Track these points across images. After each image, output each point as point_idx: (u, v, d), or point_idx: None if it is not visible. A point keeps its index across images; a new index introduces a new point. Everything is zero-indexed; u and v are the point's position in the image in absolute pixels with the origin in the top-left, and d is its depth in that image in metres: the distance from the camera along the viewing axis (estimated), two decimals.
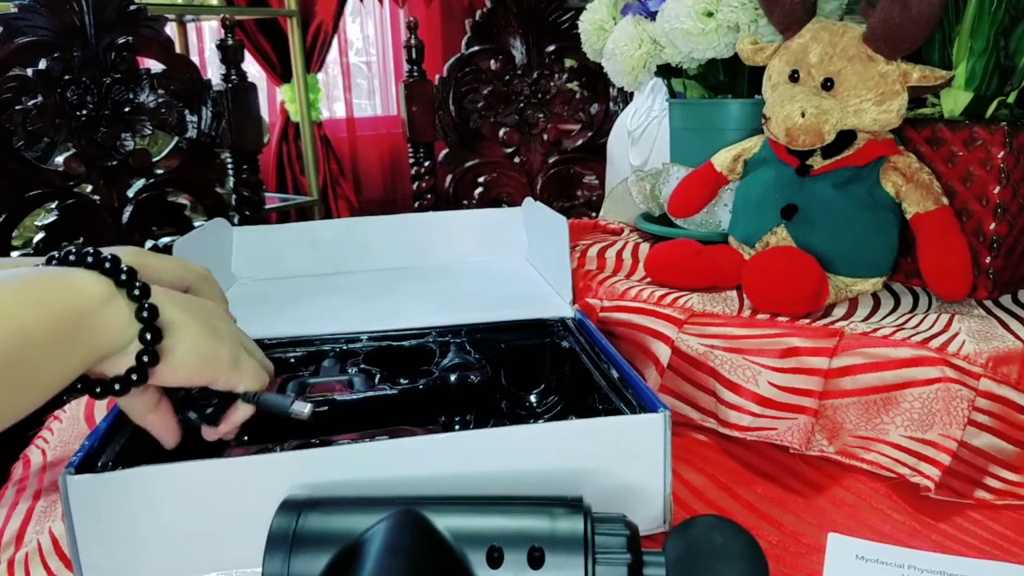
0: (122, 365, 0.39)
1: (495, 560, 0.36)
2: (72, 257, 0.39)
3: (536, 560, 0.36)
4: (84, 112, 1.07)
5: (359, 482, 0.44)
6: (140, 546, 0.43)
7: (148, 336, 0.39)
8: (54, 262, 0.40)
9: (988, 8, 0.67)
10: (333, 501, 0.39)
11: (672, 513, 0.48)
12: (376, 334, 0.66)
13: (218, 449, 0.55)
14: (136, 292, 0.39)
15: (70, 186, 1.09)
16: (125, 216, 1.14)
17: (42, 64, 1.03)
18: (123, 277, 0.39)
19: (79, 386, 0.40)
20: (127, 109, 1.11)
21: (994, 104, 0.69)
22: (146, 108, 1.12)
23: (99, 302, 0.38)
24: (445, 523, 0.37)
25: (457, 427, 0.61)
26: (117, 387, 0.39)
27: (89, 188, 1.12)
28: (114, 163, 1.11)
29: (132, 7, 1.09)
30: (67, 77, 1.05)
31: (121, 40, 1.08)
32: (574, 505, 0.38)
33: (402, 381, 0.60)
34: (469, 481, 0.45)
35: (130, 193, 1.14)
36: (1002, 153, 0.66)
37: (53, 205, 1.09)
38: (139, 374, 0.39)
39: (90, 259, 0.39)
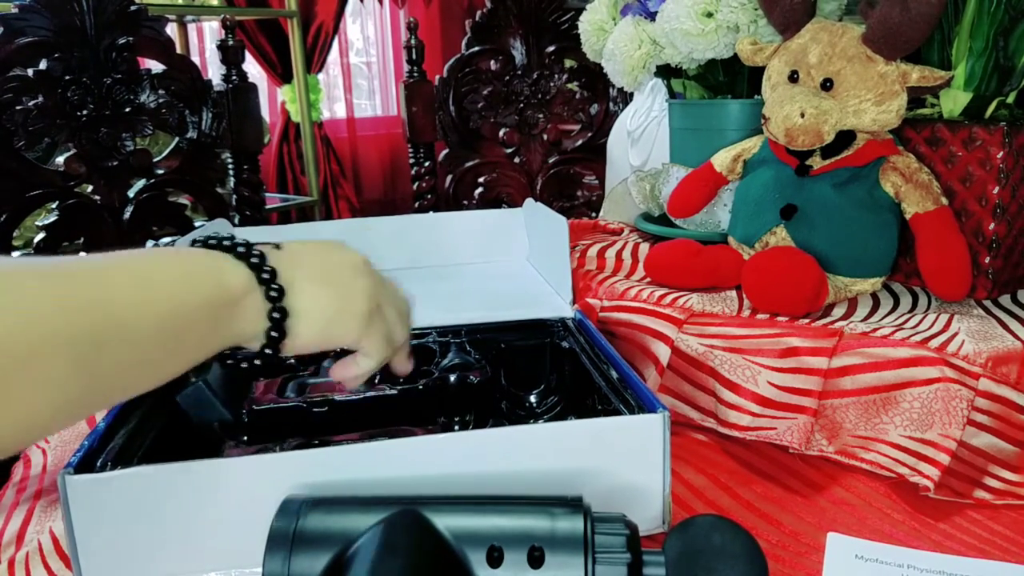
0: (252, 346, 0.43)
1: (495, 560, 0.36)
2: (224, 243, 0.42)
3: (536, 560, 0.36)
4: (85, 112, 1.08)
5: (359, 482, 0.44)
6: (140, 546, 0.43)
7: (274, 335, 0.42)
8: (203, 245, 0.43)
9: (987, 8, 0.67)
10: (333, 501, 0.39)
11: (671, 513, 0.48)
12: None
13: (218, 449, 0.55)
14: (273, 292, 0.42)
15: (71, 186, 1.09)
16: (126, 216, 1.14)
17: (43, 64, 1.04)
18: (264, 275, 0.42)
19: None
20: (128, 109, 1.11)
21: (993, 104, 0.70)
22: (147, 108, 1.12)
23: (241, 293, 0.41)
24: (445, 523, 0.37)
25: (457, 427, 0.61)
26: (244, 366, 0.44)
27: (90, 188, 1.12)
28: (115, 163, 1.12)
29: (133, 8, 1.09)
30: (68, 77, 1.05)
31: (122, 41, 1.08)
32: (574, 505, 0.38)
33: (402, 381, 0.60)
34: (469, 481, 0.45)
35: (131, 193, 1.14)
36: (1001, 153, 0.66)
37: (54, 205, 1.09)
38: (263, 359, 0.43)
39: (240, 249, 0.42)
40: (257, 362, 0.43)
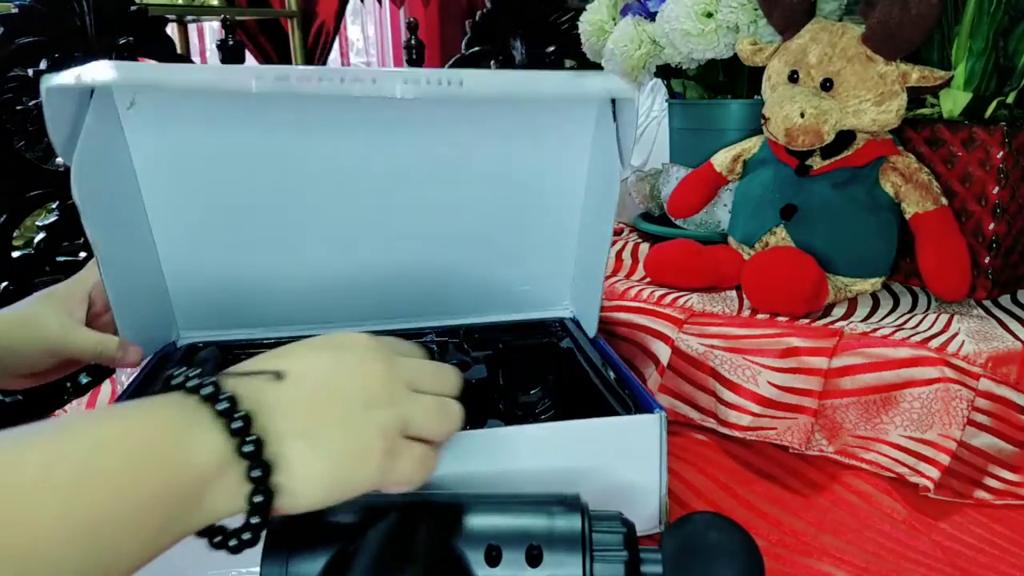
0: (231, 518, 0.34)
1: (493, 559, 0.36)
2: (203, 389, 0.33)
3: (534, 558, 0.36)
4: None
5: None
6: None
7: (259, 499, 0.33)
8: (178, 388, 0.34)
9: (987, 9, 0.67)
10: None
11: (668, 514, 0.48)
12: (375, 334, 0.66)
13: None
14: (256, 472, 0.32)
15: (71, 186, 1.09)
16: None
17: (43, 64, 1.04)
18: (247, 449, 0.32)
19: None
20: None
21: (993, 104, 0.70)
22: None
23: (213, 473, 0.32)
24: (443, 522, 0.37)
25: None
26: (233, 543, 0.35)
27: None
28: None
29: (133, 8, 1.09)
30: None
31: (122, 41, 1.08)
32: (571, 503, 0.38)
33: None
34: (467, 481, 0.45)
35: None
36: (1001, 153, 0.66)
37: (54, 205, 1.09)
38: (253, 532, 0.34)
39: (222, 406, 0.33)
40: (247, 536, 0.34)
